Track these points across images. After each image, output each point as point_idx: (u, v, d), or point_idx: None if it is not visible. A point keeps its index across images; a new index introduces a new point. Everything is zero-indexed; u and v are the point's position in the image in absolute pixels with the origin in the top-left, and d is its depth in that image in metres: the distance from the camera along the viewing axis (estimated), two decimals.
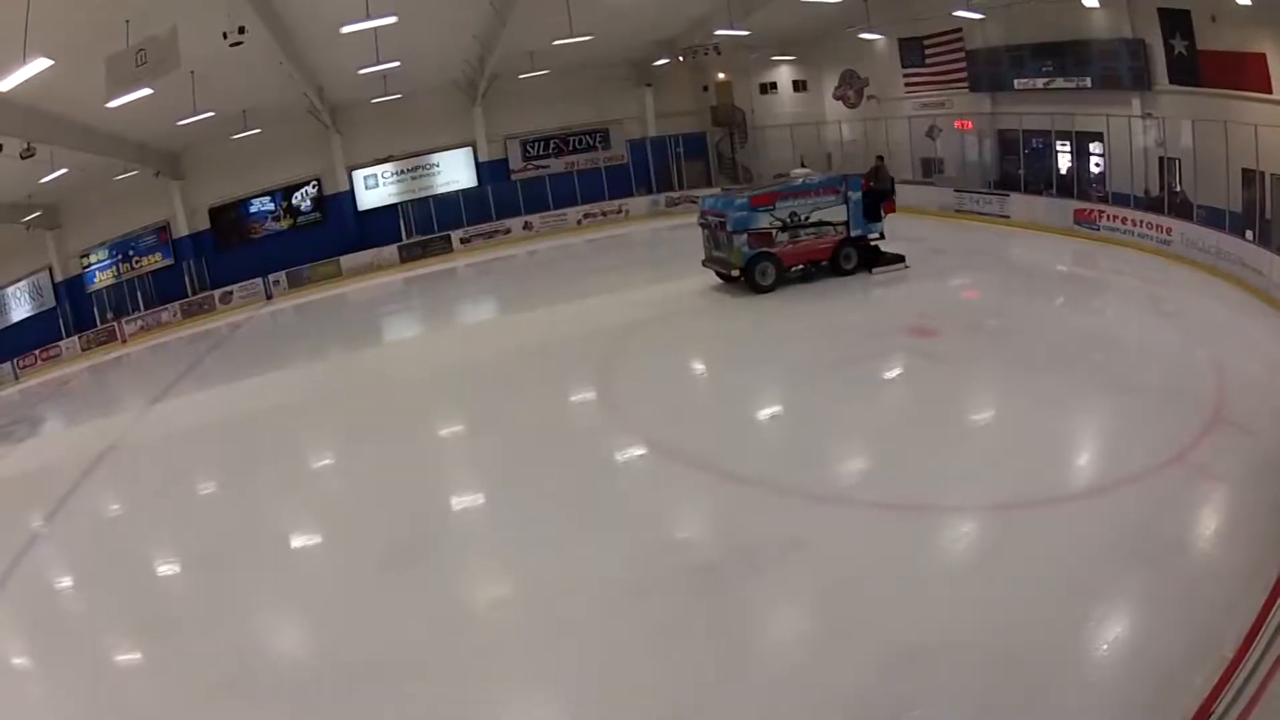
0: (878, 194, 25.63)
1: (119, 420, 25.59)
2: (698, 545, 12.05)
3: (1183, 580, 9.32)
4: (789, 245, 24.51)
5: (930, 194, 33.78)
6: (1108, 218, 25.49)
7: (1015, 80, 31.10)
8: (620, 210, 44.71)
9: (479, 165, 46.17)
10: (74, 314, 42.66)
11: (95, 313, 42.68)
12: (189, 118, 30.49)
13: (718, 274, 25.61)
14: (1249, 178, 21.67)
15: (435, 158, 46.04)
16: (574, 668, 9.62)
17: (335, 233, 44.52)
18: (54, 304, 42.84)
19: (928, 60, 35.25)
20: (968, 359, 17.61)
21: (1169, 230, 23.05)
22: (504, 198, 45.44)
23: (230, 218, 44.55)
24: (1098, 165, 28.31)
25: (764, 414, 17.21)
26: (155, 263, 43.69)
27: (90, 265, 43.46)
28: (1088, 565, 9.68)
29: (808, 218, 24.49)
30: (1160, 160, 25.46)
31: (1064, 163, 29.45)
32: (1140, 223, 24.27)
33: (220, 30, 20.62)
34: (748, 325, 22.29)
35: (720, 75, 46.33)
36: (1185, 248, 22.20)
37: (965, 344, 18.43)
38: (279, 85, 33.68)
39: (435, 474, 16.39)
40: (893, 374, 17.98)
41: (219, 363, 31.02)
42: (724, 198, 26.15)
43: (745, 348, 20.76)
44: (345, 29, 24.08)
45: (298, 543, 14.93)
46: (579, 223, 44.67)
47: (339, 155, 44.57)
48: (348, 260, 43.38)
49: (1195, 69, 23.94)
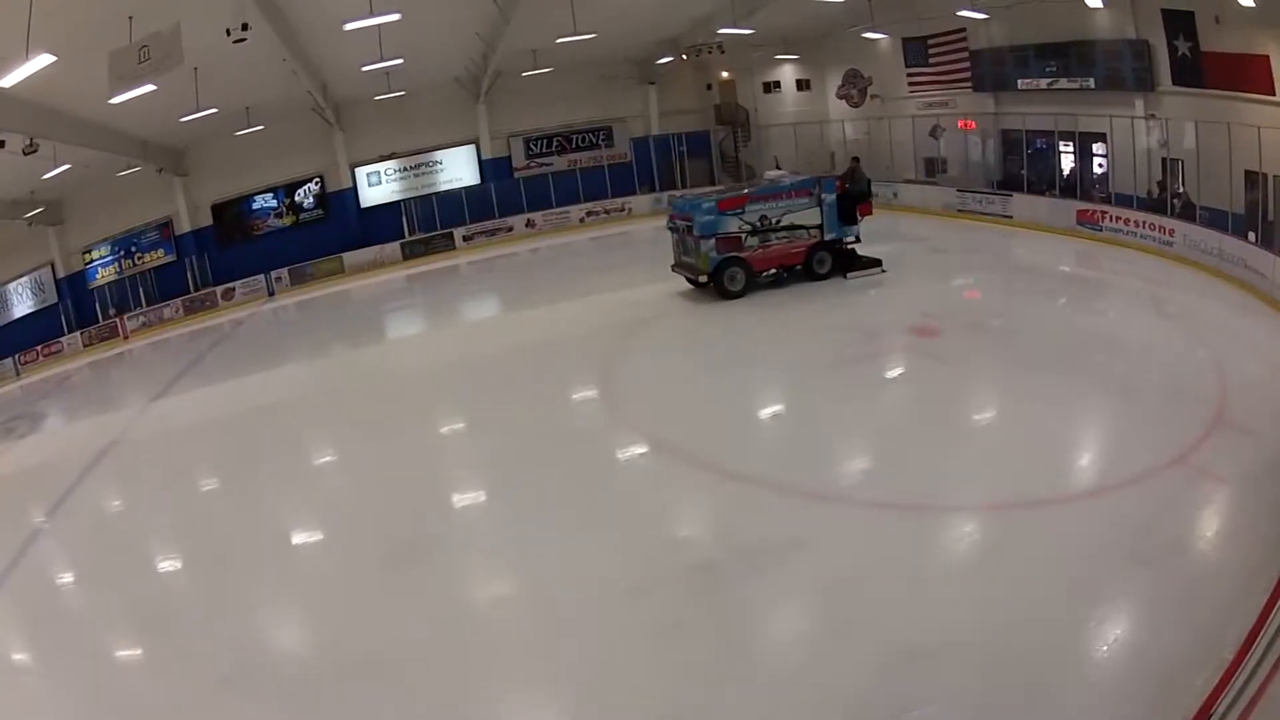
0: (853, 196, 25.05)
1: (121, 416, 25.54)
2: (698, 544, 12.05)
3: (1183, 581, 9.29)
4: (759, 250, 24.05)
5: (933, 193, 33.83)
6: (1110, 219, 25.40)
7: (1019, 80, 31.06)
8: (623, 208, 44.69)
9: (482, 163, 46.17)
10: (76, 310, 42.70)
11: (97, 309, 42.76)
12: (192, 114, 30.45)
13: (687, 279, 25.23)
14: (1252, 180, 21.63)
15: (438, 155, 46.04)
16: (574, 666, 9.60)
17: (338, 230, 44.52)
18: (56, 300, 42.91)
19: (931, 60, 35.21)
20: (970, 359, 17.58)
21: (1171, 232, 23.01)
22: (507, 195, 45.46)
23: (233, 214, 44.59)
24: (1101, 166, 28.27)
25: (766, 413, 17.21)
26: (158, 259, 43.74)
27: (92, 261, 43.51)
28: (1088, 566, 9.65)
29: (779, 221, 24.01)
30: (1163, 161, 25.37)
31: (1067, 163, 29.39)
32: (1143, 224, 24.21)
33: (223, 27, 20.64)
34: (750, 324, 22.14)
35: (724, 74, 46.33)
36: (1188, 249, 22.15)
37: (968, 344, 18.39)
38: (282, 82, 33.60)
39: (436, 471, 16.39)
40: (895, 373, 17.99)
41: (221, 359, 31.06)
42: (691, 200, 25.79)
43: (747, 346, 20.72)
44: (348, 26, 24.05)
45: (299, 540, 14.91)
46: (582, 220, 44.68)
47: (342, 152, 44.57)
48: (350, 257, 43.44)
49: (1199, 70, 23.86)
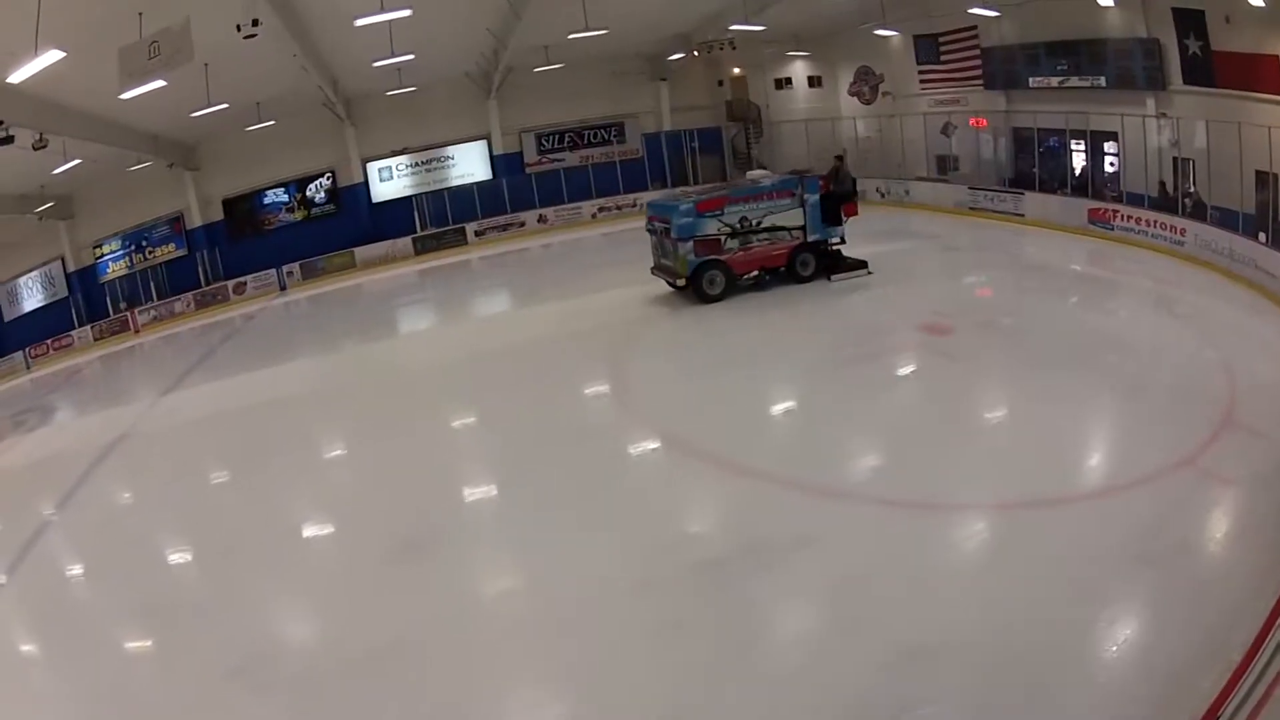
0: (837, 196, 24.55)
1: (131, 410, 25.80)
2: (706, 540, 12.12)
3: (1190, 583, 9.29)
4: (740, 252, 23.66)
5: (945, 191, 33.76)
6: (1122, 217, 25.32)
7: (1030, 78, 30.94)
8: (635, 204, 44.34)
9: (493, 158, 46.30)
10: (86, 304, 42.95)
11: (108, 303, 42.89)
12: (202, 109, 30.56)
13: (667, 282, 24.79)
14: (1263, 180, 21.55)
15: (450, 150, 46.16)
16: (579, 661, 9.68)
17: (349, 224, 44.74)
18: (66, 294, 43.14)
19: (943, 57, 35.11)
20: (981, 357, 17.60)
21: (1183, 231, 22.91)
22: (518, 191, 45.55)
23: (244, 209, 44.84)
24: (1112, 165, 28.16)
25: (777, 410, 17.23)
26: (169, 253, 43.99)
27: (103, 256, 43.75)
28: (1095, 566, 9.67)
29: (759, 223, 23.60)
30: (1174, 161, 25.26)
31: (1078, 162, 29.32)
32: (1154, 223, 24.12)
33: (234, 22, 20.65)
34: (762, 321, 22.15)
35: (735, 70, 46.32)
36: (1199, 249, 22.08)
37: (979, 342, 18.41)
38: (293, 78, 33.70)
39: (442, 467, 16.49)
40: (906, 371, 17.96)
41: (232, 353, 31.24)
42: (668, 202, 25.20)
43: (759, 343, 20.69)
44: (359, 22, 24.10)
45: (306, 533, 15.01)
46: (593, 216, 44.75)
47: (353, 147, 44.76)
48: (362, 252, 43.62)
49: (1209, 70, 23.77)
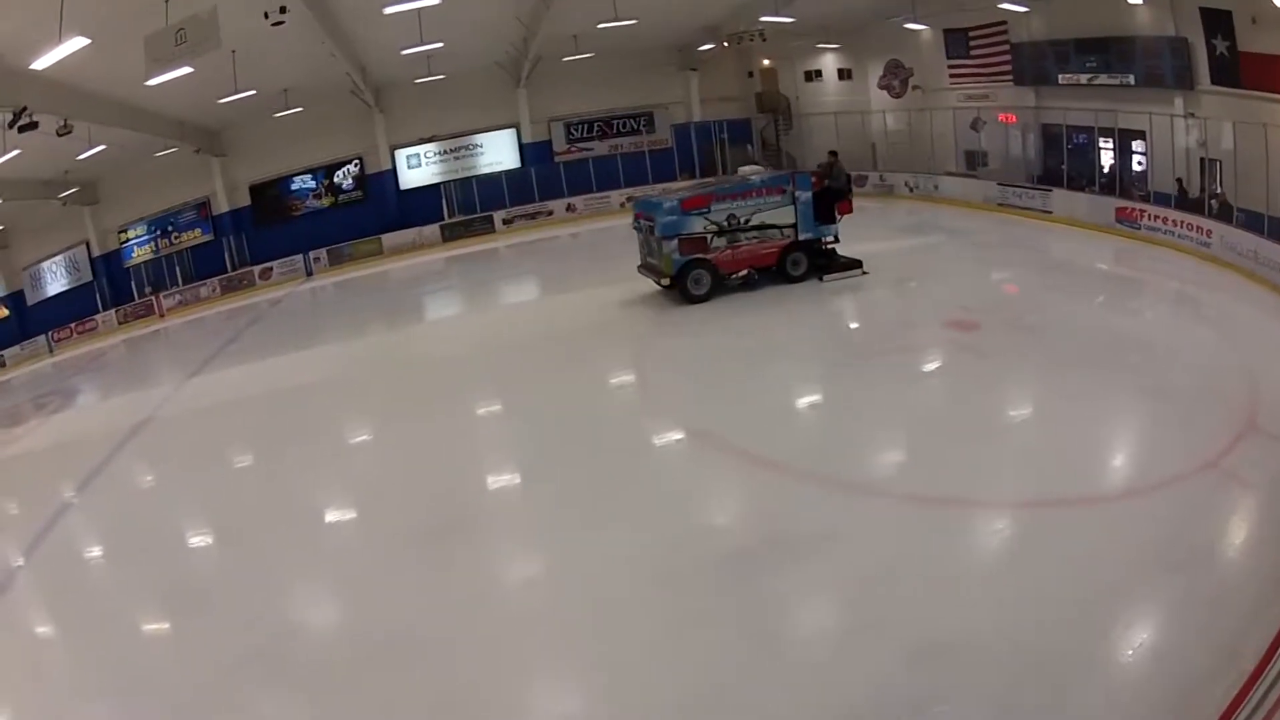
0: (831, 193, 24.10)
1: (155, 394, 26.16)
2: (729, 532, 12.18)
3: (1208, 588, 9.23)
4: (727, 251, 23.16)
5: (974, 186, 33.70)
6: (1149, 217, 25.19)
7: (1059, 75, 30.88)
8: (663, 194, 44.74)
9: (522, 147, 46.61)
10: (111, 288, 43.51)
11: (133, 287, 43.49)
12: (230, 96, 30.80)
13: (654, 282, 24.17)
14: None
15: (479, 138, 46.51)
16: (599, 651, 9.74)
17: (377, 211, 45.18)
18: (91, 278, 43.77)
19: (972, 52, 35.08)
20: (1007, 354, 17.54)
21: (1209, 233, 22.77)
22: (547, 179, 45.79)
23: (271, 195, 45.40)
24: (1140, 164, 28.06)
25: (803, 403, 17.29)
26: (195, 238, 44.67)
27: (128, 240, 44.34)
28: (1114, 569, 9.64)
29: (748, 221, 23.09)
30: (1201, 161, 25.14)
31: (1106, 159, 29.22)
32: (1180, 223, 23.99)
33: (261, 10, 20.87)
34: (787, 313, 22.16)
35: (765, 62, 46.36)
36: (1224, 250, 21.96)
37: (1005, 339, 18.34)
38: (321, 65, 33.91)
39: (465, 454, 16.55)
40: (931, 367, 17.91)
41: (257, 338, 31.69)
42: (654, 199, 24.75)
43: (786, 335, 20.81)
44: (388, 10, 24.34)
45: (328, 518, 15.20)
46: (622, 205, 44.19)
47: (382, 134, 45.15)
48: (389, 238, 44.07)
49: (1236, 70, 23.67)
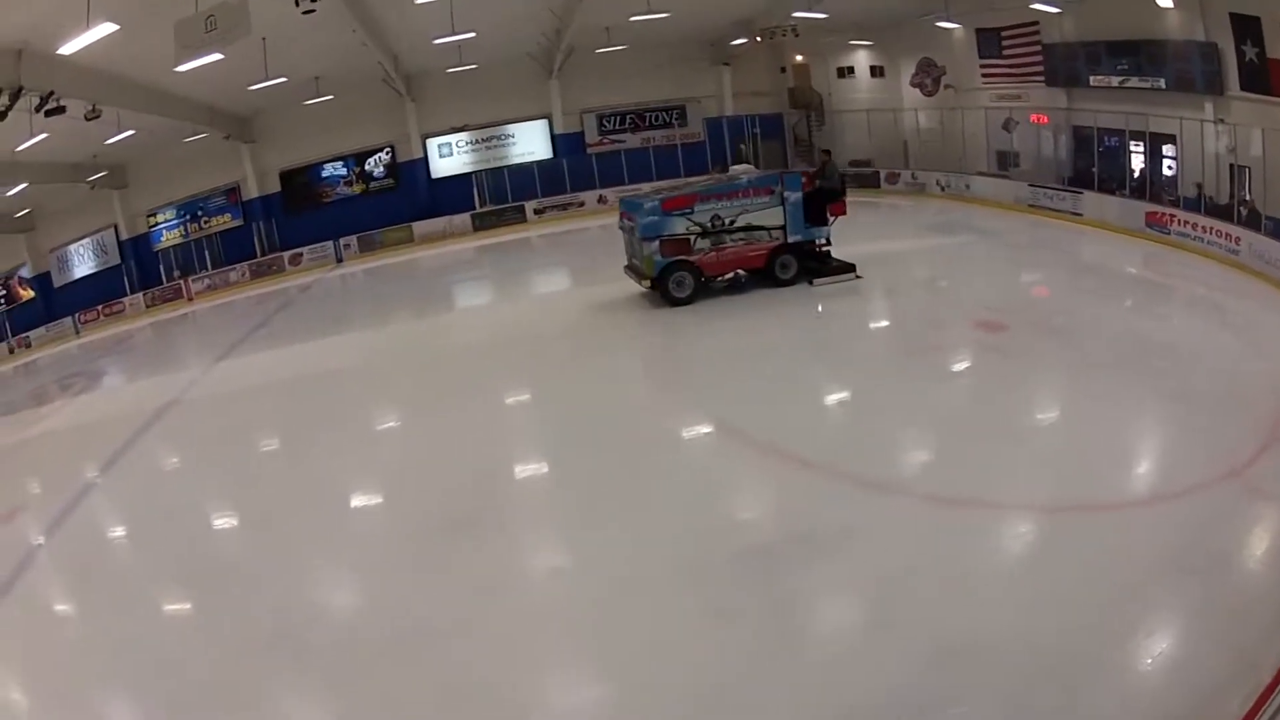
0: (823, 194, 23.43)
1: (183, 376, 26.50)
2: (752, 527, 12.31)
3: (1227, 599, 9.22)
4: (711, 253, 22.71)
5: (1005, 187, 33.73)
6: (1179, 222, 25.16)
7: (1091, 76, 30.83)
8: None
9: (554, 137, 46.77)
10: (139, 271, 43.99)
11: (161, 271, 44.08)
12: (261, 83, 31.28)
13: (638, 284, 23.77)
14: None
15: (510, 128, 46.81)
16: (619, 642, 9.86)
17: (408, 199, 45.59)
18: (119, 261, 44.31)
19: (1004, 52, 35.03)
20: (1033, 356, 17.53)
21: (1237, 240, 22.74)
22: (579, 171, 45.91)
23: (301, 181, 45.84)
24: (1170, 169, 28.04)
25: (830, 400, 17.37)
26: (224, 223, 45.19)
27: (157, 224, 44.85)
28: (1133, 575, 9.67)
29: (733, 222, 22.55)
30: (1230, 168, 25.06)
31: (1137, 163, 29.20)
32: (1209, 230, 23.94)
33: None
34: (817, 311, 22.31)
35: (798, 58, 46.31)
36: (1253, 258, 21.98)
37: (1032, 341, 18.35)
38: (352, 53, 34.36)
39: (491, 444, 16.57)
40: (958, 367, 18.00)
41: (286, 323, 32.09)
42: (637, 199, 24.34)
43: (815, 333, 20.98)
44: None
45: (352, 504, 15.31)
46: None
47: (413, 123, 45.50)
48: (420, 226, 44.48)
49: (1266, 77, 23.61)
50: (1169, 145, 27.89)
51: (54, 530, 15.89)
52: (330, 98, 40.05)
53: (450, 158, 46.74)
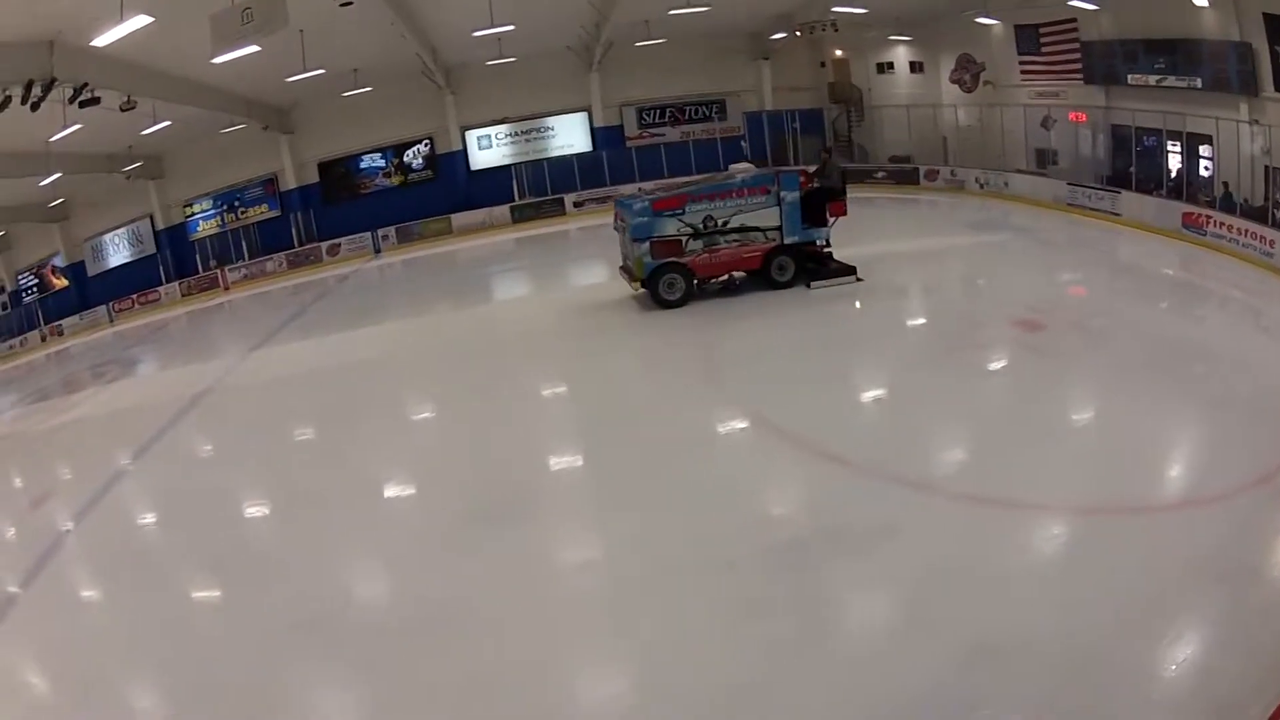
0: (822, 194, 22.99)
1: (218, 364, 26.96)
2: (786, 522, 12.43)
3: (1255, 606, 9.22)
4: (704, 254, 22.39)
5: (1044, 185, 33.77)
6: (1215, 224, 25.11)
7: (1129, 75, 30.79)
8: None
9: (594, 130, 47.19)
10: (175, 261, 44.77)
11: (197, 260, 44.82)
12: (298, 75, 31.68)
13: (629, 285, 23.62)
14: None
15: (550, 121, 47.25)
16: (649, 634, 9.93)
17: (446, 191, 46.11)
18: (154, 251, 45.09)
19: (1043, 48, 35.09)
20: (1070, 356, 17.53)
21: (1272, 243, 22.66)
22: (618, 164, 46.15)
23: (340, 172, 46.46)
24: (1207, 169, 27.95)
25: (867, 396, 17.44)
26: (261, 214, 45.83)
27: (193, 214, 45.62)
28: (1163, 579, 9.74)
29: (727, 223, 22.19)
30: (1265, 170, 25.00)
31: (1174, 163, 29.12)
32: (1245, 232, 23.84)
33: None
34: (855, 305, 22.25)
35: (837, 53, 46.45)
36: None
37: (1069, 341, 18.36)
38: (391, 45, 34.78)
39: (524, 434, 16.75)
40: (995, 365, 18.05)
41: (323, 313, 32.50)
42: (629, 199, 24.04)
43: (852, 328, 21.08)
44: None
45: (385, 492, 15.52)
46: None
47: (452, 115, 45.99)
48: (459, 218, 44.92)
49: None
50: (1205, 145, 27.80)
51: (82, 517, 16.26)
52: (369, 89, 40.52)
53: (489, 150, 47.17)
